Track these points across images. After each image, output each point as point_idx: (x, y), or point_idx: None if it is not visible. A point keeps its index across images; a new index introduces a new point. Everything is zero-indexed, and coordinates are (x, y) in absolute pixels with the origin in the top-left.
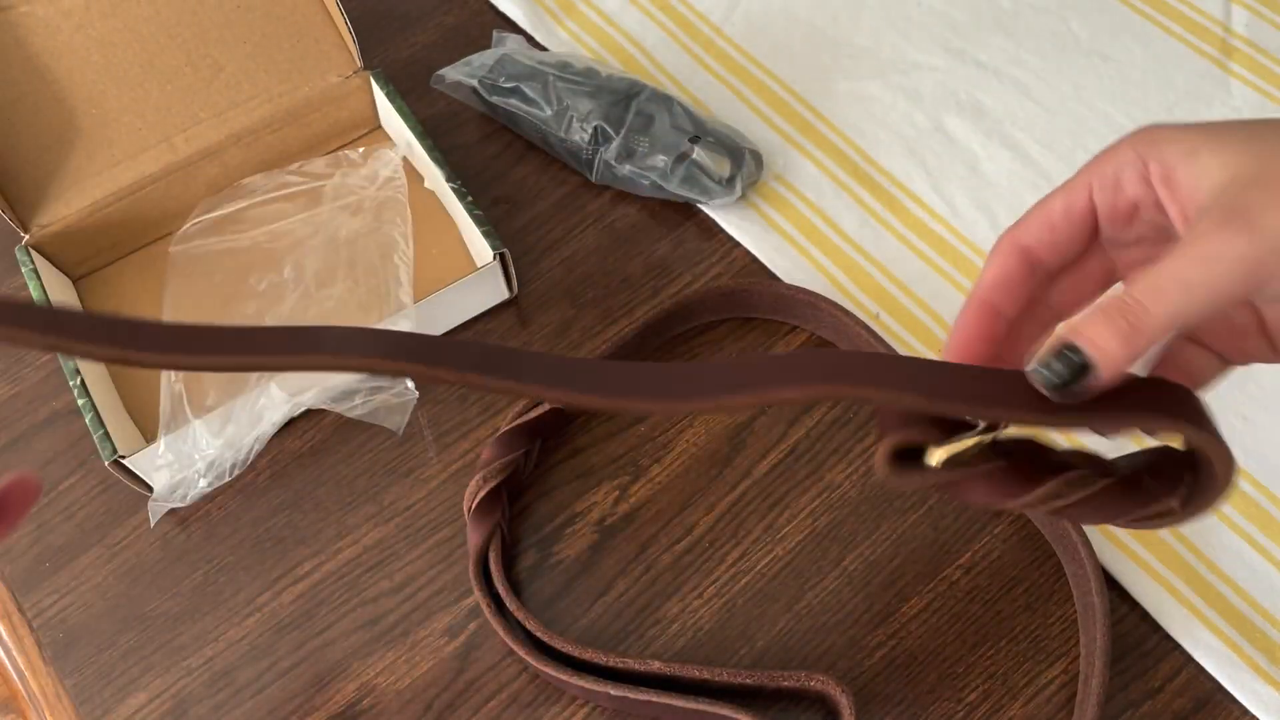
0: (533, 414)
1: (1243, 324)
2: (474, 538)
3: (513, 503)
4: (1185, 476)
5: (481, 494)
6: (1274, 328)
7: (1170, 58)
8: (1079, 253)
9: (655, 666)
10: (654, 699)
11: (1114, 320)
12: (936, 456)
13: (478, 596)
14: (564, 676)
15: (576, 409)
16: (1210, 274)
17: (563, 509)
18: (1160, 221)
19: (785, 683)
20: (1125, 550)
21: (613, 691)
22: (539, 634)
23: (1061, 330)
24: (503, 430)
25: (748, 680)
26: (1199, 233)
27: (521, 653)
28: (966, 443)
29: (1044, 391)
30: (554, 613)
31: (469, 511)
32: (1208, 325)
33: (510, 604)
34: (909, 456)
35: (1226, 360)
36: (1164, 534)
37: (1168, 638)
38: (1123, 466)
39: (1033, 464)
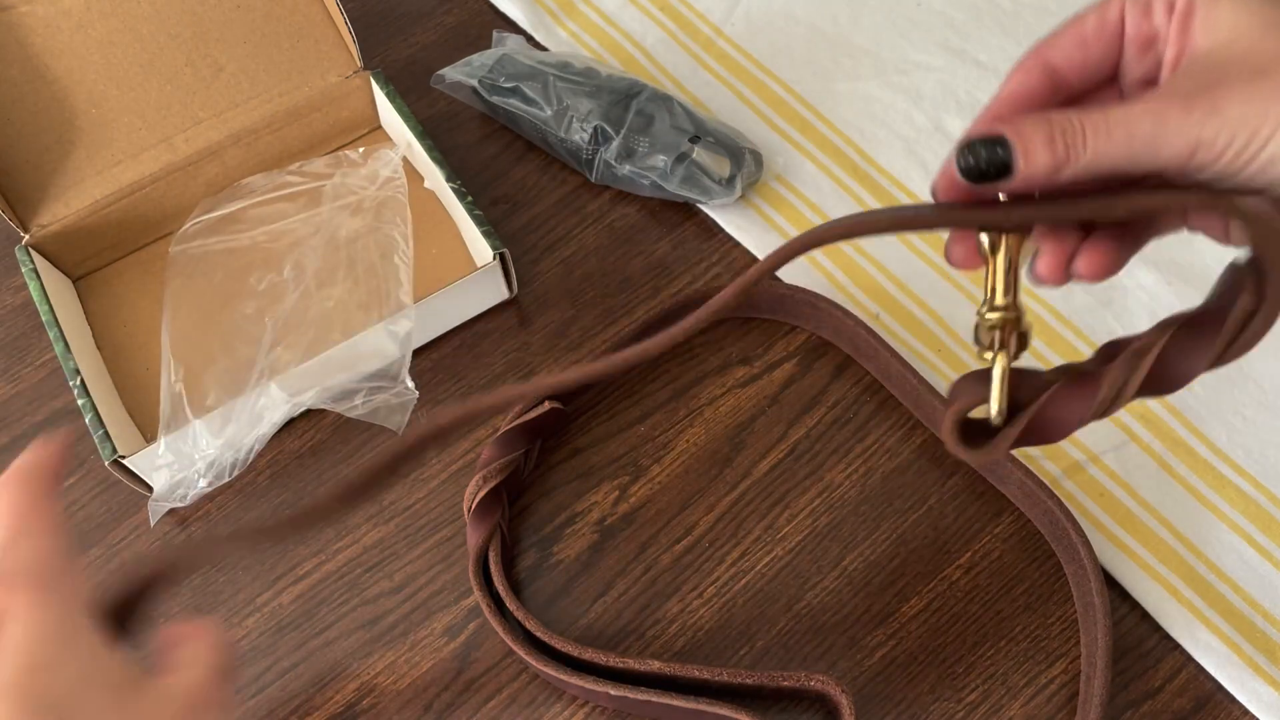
0: (533, 414)
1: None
2: (474, 538)
3: (513, 503)
4: (1246, 282)
5: (481, 494)
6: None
7: None
8: (1104, 78)
9: (655, 666)
10: (653, 699)
11: (1054, 138)
12: (994, 408)
13: (477, 596)
14: (564, 676)
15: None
16: (1156, 135)
17: (563, 509)
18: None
19: (785, 683)
20: (1125, 550)
21: (612, 691)
22: (539, 634)
23: (1001, 125)
24: (502, 430)
25: (747, 680)
26: (1167, 91)
27: (521, 653)
28: (998, 370)
29: (957, 174)
30: (554, 613)
31: (469, 511)
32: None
33: (510, 604)
34: (976, 432)
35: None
36: (1164, 533)
37: (1168, 638)
38: (1177, 317)
39: (1083, 374)
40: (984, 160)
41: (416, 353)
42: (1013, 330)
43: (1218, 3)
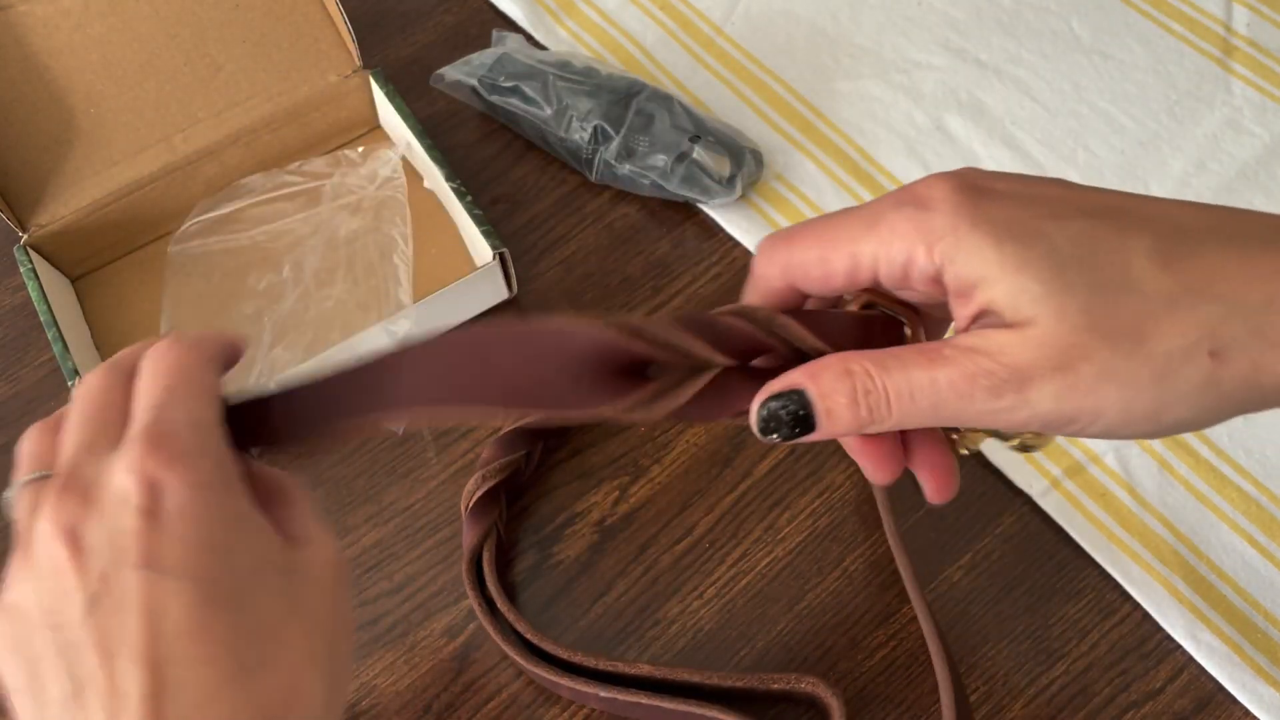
0: None
1: None
2: (469, 537)
3: (512, 503)
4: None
5: (479, 493)
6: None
7: (1171, 57)
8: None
9: (644, 670)
10: (643, 701)
11: (857, 400)
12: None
13: (470, 597)
14: (554, 678)
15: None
16: (960, 412)
17: (562, 509)
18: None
19: (775, 685)
20: (1126, 551)
21: (601, 694)
22: (529, 636)
23: (801, 377)
24: (505, 430)
25: (737, 684)
26: (970, 368)
27: (513, 654)
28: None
29: (756, 433)
30: (553, 613)
31: (466, 510)
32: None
33: (502, 605)
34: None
35: None
36: (1165, 534)
37: (1169, 638)
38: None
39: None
40: (785, 415)
41: None
42: None
43: (998, 283)
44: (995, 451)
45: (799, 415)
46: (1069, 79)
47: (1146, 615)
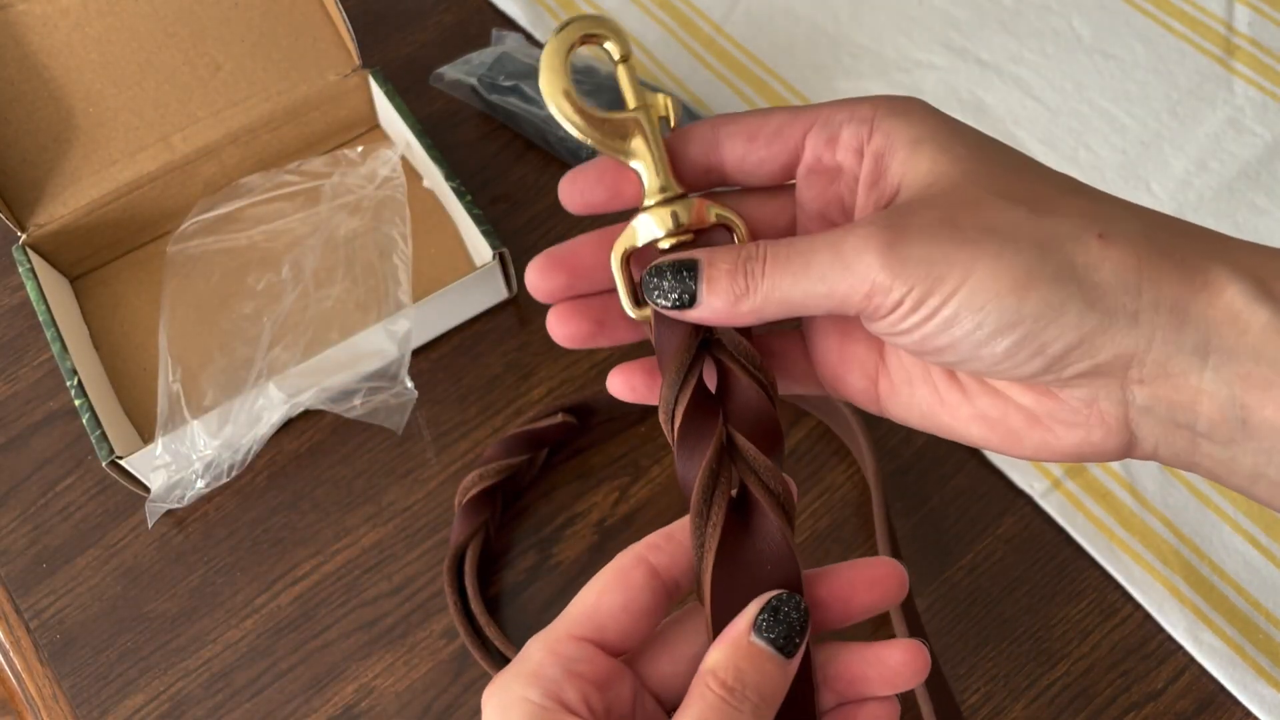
0: (544, 423)
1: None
2: (456, 533)
3: (511, 504)
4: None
5: (474, 491)
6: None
7: (1173, 56)
8: (771, 184)
9: None
10: None
11: (737, 266)
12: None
13: (445, 590)
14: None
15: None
16: (830, 269)
17: (562, 510)
18: (847, 201)
19: None
20: (1128, 551)
21: None
22: (496, 641)
23: (697, 251)
24: (510, 433)
25: None
26: (852, 227)
27: (475, 654)
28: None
29: (650, 299)
30: (553, 614)
31: (458, 505)
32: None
33: (475, 605)
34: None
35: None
36: (1166, 534)
37: (1170, 639)
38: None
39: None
40: (668, 286)
41: (415, 353)
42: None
43: (919, 147)
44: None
45: (683, 271)
46: (1070, 78)
47: (1148, 616)
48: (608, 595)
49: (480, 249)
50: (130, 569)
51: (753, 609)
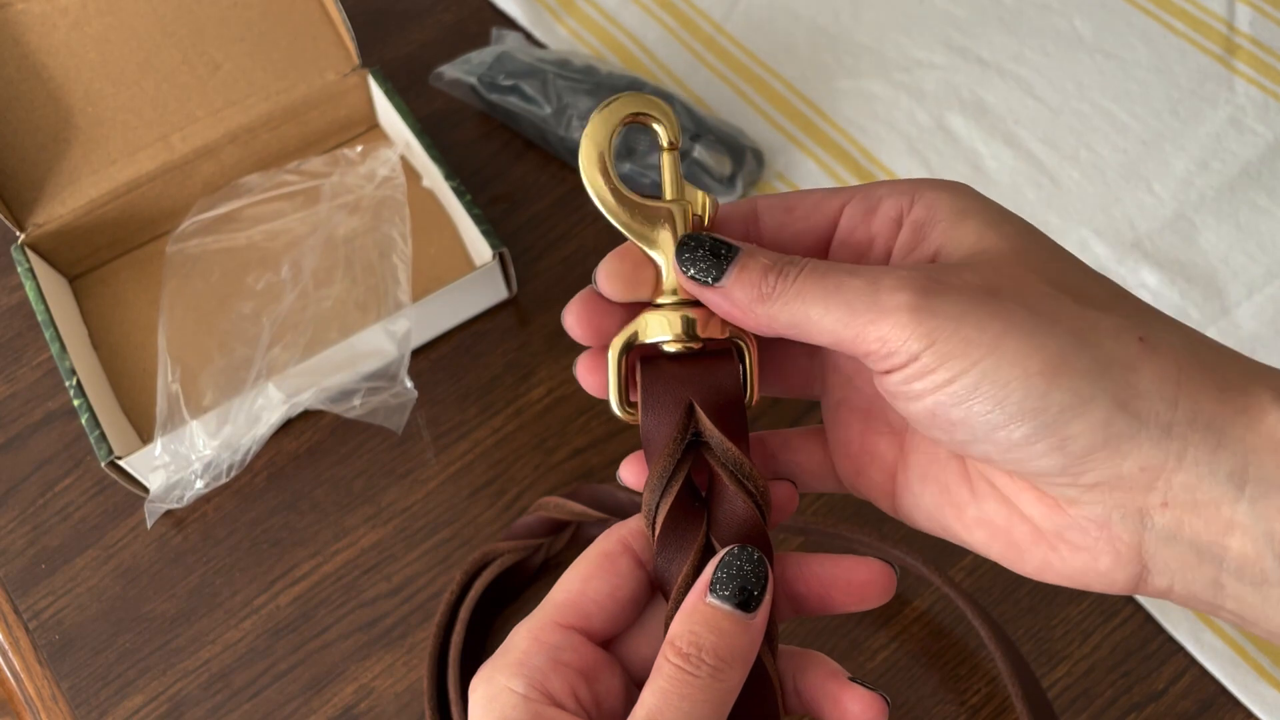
0: (568, 511)
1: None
2: (439, 626)
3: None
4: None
5: (474, 591)
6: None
7: (1174, 55)
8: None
9: None
10: None
11: (768, 274)
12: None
13: (425, 704)
14: None
15: None
16: (856, 303)
17: None
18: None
19: None
20: None
21: None
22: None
23: (742, 243)
24: (529, 516)
25: None
26: (897, 276)
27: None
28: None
29: (678, 261)
30: None
31: (446, 602)
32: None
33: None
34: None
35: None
36: None
37: (1171, 640)
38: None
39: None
40: (701, 256)
41: (415, 353)
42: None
43: (963, 220)
44: None
45: (722, 250)
46: (1071, 77)
47: (1149, 617)
48: (594, 582)
49: (480, 249)
50: (129, 569)
51: (708, 572)
